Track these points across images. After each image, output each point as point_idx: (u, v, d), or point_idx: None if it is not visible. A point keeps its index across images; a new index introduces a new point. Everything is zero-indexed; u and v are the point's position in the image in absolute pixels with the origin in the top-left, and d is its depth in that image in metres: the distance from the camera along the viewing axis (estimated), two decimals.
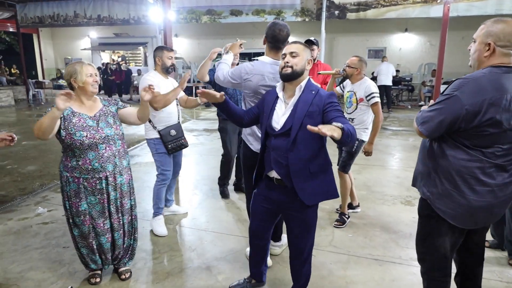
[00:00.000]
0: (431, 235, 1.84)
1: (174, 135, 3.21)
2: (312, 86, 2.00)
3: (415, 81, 13.74)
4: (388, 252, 2.94)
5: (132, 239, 2.62)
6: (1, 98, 13.14)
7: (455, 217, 1.72)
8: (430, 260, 1.89)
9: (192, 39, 16.66)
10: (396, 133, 7.83)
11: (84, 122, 2.27)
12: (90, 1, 13.01)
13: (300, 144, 1.90)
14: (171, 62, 3.19)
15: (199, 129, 8.48)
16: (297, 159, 1.91)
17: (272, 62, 2.41)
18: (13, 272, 2.67)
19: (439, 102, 1.67)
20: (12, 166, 5.50)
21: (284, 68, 1.95)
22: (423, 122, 1.71)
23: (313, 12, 11.25)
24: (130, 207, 2.55)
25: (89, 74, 2.28)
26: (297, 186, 1.92)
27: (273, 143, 1.97)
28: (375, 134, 3.29)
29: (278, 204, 2.08)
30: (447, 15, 7.45)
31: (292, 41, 2.06)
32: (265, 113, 2.05)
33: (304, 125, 1.83)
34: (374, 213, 3.69)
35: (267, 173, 2.07)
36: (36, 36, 17.90)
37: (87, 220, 2.37)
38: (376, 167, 5.30)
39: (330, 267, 2.74)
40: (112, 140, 2.34)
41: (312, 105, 1.90)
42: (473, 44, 1.70)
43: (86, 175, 2.29)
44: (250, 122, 2.21)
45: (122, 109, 2.48)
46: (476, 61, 1.69)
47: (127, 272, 2.61)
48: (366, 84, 3.23)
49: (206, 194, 4.28)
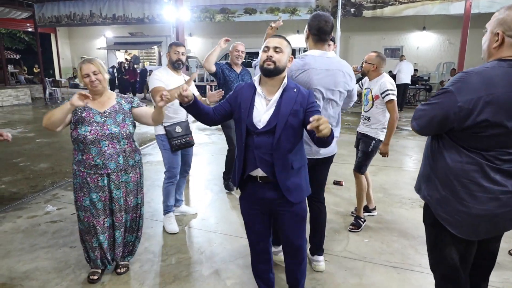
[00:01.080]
0: (437, 245, 1.69)
1: (179, 132, 3.14)
2: (292, 83, 1.94)
3: (433, 80, 13.39)
4: (407, 259, 2.78)
5: (135, 237, 2.61)
6: (19, 96, 13.40)
7: (454, 225, 1.55)
8: (440, 271, 1.73)
9: (206, 38, 16.66)
10: (413, 134, 7.58)
11: (92, 118, 2.28)
12: (106, 1, 13.12)
13: (284, 142, 1.86)
14: (176, 57, 3.12)
15: (211, 128, 8.40)
16: (281, 157, 1.87)
17: (321, 54, 2.34)
18: (19, 272, 2.62)
19: (434, 97, 1.52)
20: (25, 164, 5.52)
21: (267, 62, 1.84)
22: (417, 117, 1.57)
23: (328, 10, 11.04)
24: (136, 205, 2.53)
25: (86, 75, 2.26)
26: (281, 183, 1.89)
27: (256, 141, 1.87)
28: (391, 134, 3.13)
29: (268, 202, 1.98)
30: (469, 11, 7.17)
31: (275, 35, 1.95)
32: (242, 109, 1.90)
33: (289, 123, 1.84)
34: (392, 217, 3.52)
35: (249, 173, 1.95)
36: (53, 35, 18.24)
37: (88, 217, 2.38)
38: (393, 168, 5.11)
39: (344, 274, 2.60)
40: (116, 138, 2.32)
41: (296, 103, 1.87)
42: (485, 34, 1.52)
43: (89, 170, 2.30)
44: (222, 118, 2.05)
45: (136, 108, 2.45)
46: (486, 53, 1.52)
47: (124, 267, 2.60)
48: (382, 80, 3.08)
49: (216, 195, 4.18)
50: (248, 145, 1.91)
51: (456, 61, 8.63)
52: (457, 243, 1.61)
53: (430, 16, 12.00)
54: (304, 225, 2.07)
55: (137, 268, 2.67)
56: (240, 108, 1.93)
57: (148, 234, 3.21)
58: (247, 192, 2.04)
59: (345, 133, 7.42)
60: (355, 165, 3.28)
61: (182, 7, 5.89)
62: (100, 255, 2.48)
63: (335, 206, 3.79)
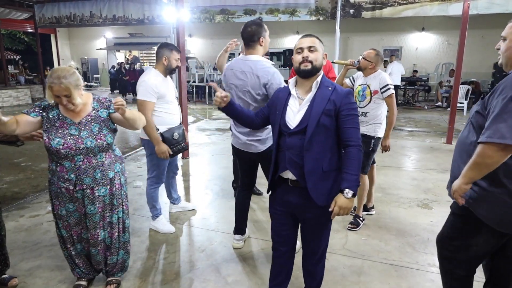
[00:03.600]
0: (465, 234, 1.72)
1: (177, 138, 3.04)
2: (328, 81, 1.89)
3: (432, 81, 13.43)
4: (405, 257, 2.82)
5: (124, 253, 2.43)
6: (19, 96, 13.42)
7: (500, 222, 1.59)
8: (458, 259, 1.77)
9: (206, 39, 16.70)
10: (412, 134, 7.63)
11: (66, 129, 2.09)
12: (106, 2, 13.14)
13: (316, 143, 1.80)
14: (176, 64, 3.04)
15: (211, 129, 8.45)
16: (312, 158, 1.80)
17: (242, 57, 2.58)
18: (22, 270, 2.66)
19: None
20: (26, 164, 5.56)
21: (304, 64, 1.81)
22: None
23: (327, 11, 11.09)
24: (117, 220, 2.32)
25: (56, 96, 2.00)
26: (310, 185, 1.81)
27: (287, 142, 1.84)
28: (390, 128, 3.20)
29: (294, 207, 1.95)
30: (467, 13, 7.21)
31: (306, 34, 1.93)
32: (277, 111, 1.90)
33: (321, 123, 1.77)
34: (390, 216, 3.57)
35: (280, 174, 1.93)
36: (53, 36, 18.28)
37: (66, 226, 2.27)
38: (391, 168, 5.15)
39: (343, 272, 2.64)
40: (91, 152, 2.12)
41: (329, 102, 1.79)
42: (503, 43, 1.60)
43: (62, 183, 2.14)
44: (262, 123, 2.09)
45: (114, 113, 2.18)
46: (509, 59, 1.59)
47: (114, 283, 2.43)
48: (381, 76, 3.14)
49: (217, 194, 4.22)
50: (280, 146, 1.89)
51: (454, 62, 8.67)
52: (491, 235, 1.65)
53: (429, 17, 12.06)
54: (327, 233, 2.03)
55: (139, 266, 2.71)
56: (276, 110, 1.93)
57: (149, 233, 3.25)
58: (275, 194, 2.02)
59: None
60: None
61: (182, 8, 5.90)
62: (82, 262, 2.37)
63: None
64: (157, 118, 3.00)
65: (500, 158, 1.49)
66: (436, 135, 7.53)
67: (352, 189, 1.74)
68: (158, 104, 2.96)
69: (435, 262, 2.69)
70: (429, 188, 4.35)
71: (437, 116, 10.03)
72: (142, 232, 3.27)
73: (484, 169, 1.54)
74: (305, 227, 2.01)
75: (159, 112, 3.00)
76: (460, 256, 1.76)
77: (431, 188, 4.33)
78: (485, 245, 1.69)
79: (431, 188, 4.35)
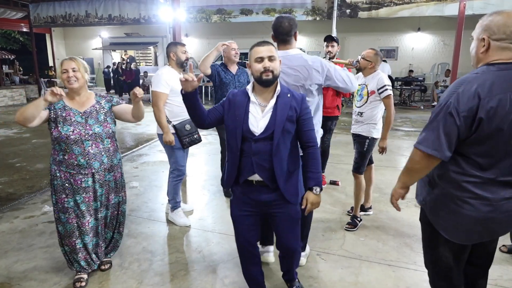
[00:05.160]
0: (432, 244, 1.72)
1: (189, 130, 3.19)
2: (285, 88, 1.96)
3: (428, 81, 13.48)
4: (403, 257, 2.82)
5: (116, 232, 2.63)
6: (14, 96, 13.32)
7: (446, 229, 1.59)
8: (434, 269, 1.76)
9: (202, 39, 16.65)
10: (408, 134, 7.65)
11: (73, 117, 2.27)
12: (101, 1, 13.07)
13: (282, 147, 1.90)
14: (185, 56, 3.21)
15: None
16: (279, 162, 1.90)
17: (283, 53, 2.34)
18: (17, 271, 2.62)
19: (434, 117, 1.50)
20: (21, 164, 5.51)
21: (265, 73, 1.83)
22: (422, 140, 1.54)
23: (324, 11, 11.12)
24: (118, 202, 2.55)
25: (64, 70, 2.24)
26: (282, 187, 1.92)
27: (253, 147, 1.88)
28: (388, 129, 3.20)
29: (262, 204, 2.00)
30: (463, 13, 7.25)
31: (261, 42, 1.91)
32: (237, 116, 1.91)
33: (286, 129, 1.87)
34: (387, 216, 3.57)
35: (246, 178, 1.96)
36: (48, 36, 18.15)
37: (72, 218, 2.34)
38: (388, 168, 5.15)
39: (340, 272, 2.63)
40: (99, 138, 2.32)
41: (291, 109, 1.90)
42: (472, 42, 1.59)
43: (72, 170, 2.28)
44: (214, 122, 2.03)
45: (116, 106, 2.44)
46: (474, 59, 1.58)
47: (107, 263, 2.64)
48: (379, 76, 3.14)
49: (214, 195, 4.20)
50: (244, 151, 1.91)
51: (450, 62, 8.71)
52: (452, 244, 1.63)
53: (425, 18, 12.10)
54: (298, 226, 2.11)
55: (135, 267, 2.69)
56: (235, 115, 1.92)
57: (146, 234, 3.22)
58: (239, 194, 2.04)
59: (341, 133, 7.47)
60: (353, 166, 3.31)
61: (178, 7, 5.89)
62: (84, 256, 2.43)
63: (331, 206, 3.82)
64: (169, 111, 3.17)
65: (425, 165, 1.51)
66: None
67: (319, 185, 1.96)
68: (171, 97, 3.13)
69: None
70: None
71: None
72: (139, 233, 3.24)
73: (414, 174, 1.57)
74: (276, 224, 2.08)
75: (172, 105, 3.16)
76: (436, 267, 1.73)
77: None
78: (451, 253, 1.64)
79: None
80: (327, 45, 3.93)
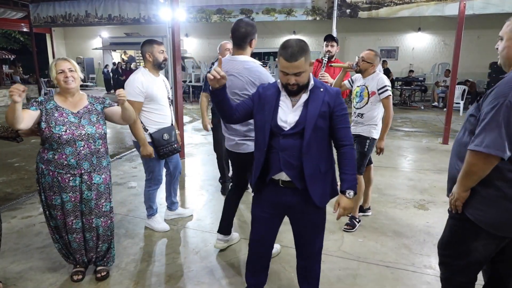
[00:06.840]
0: (464, 239, 1.69)
1: (167, 139, 3.00)
2: (318, 82, 1.85)
3: (428, 81, 13.45)
4: (401, 258, 2.80)
5: (111, 244, 2.54)
6: None
7: (497, 225, 1.57)
8: (457, 265, 1.74)
9: (202, 39, 16.65)
10: (408, 134, 7.63)
11: (66, 118, 2.26)
12: (101, 1, 13.06)
13: (314, 145, 1.78)
14: (163, 57, 2.94)
15: None
16: (311, 161, 1.78)
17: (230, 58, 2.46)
18: (13, 272, 2.61)
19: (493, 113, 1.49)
20: (19, 164, 5.50)
21: (291, 86, 1.76)
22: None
23: (324, 11, 11.08)
24: (109, 210, 2.47)
25: (60, 70, 2.22)
26: (310, 188, 1.80)
27: (282, 143, 1.79)
28: (386, 130, 3.17)
29: (286, 207, 1.92)
30: (463, 13, 7.22)
31: (291, 54, 1.68)
32: (266, 110, 1.82)
33: (318, 125, 1.75)
34: (386, 217, 3.55)
35: (272, 176, 1.87)
36: (49, 36, 18.11)
37: (60, 215, 2.35)
38: (388, 169, 5.14)
39: (338, 274, 2.61)
40: (92, 138, 2.30)
41: (323, 104, 1.78)
42: (500, 42, 1.58)
43: (61, 170, 2.25)
44: (242, 117, 1.94)
45: (108, 108, 2.43)
46: (506, 59, 1.58)
47: (103, 271, 2.54)
48: (379, 77, 3.13)
49: (212, 195, 4.19)
50: (271, 147, 1.82)
51: (451, 62, 8.68)
52: (492, 239, 1.62)
53: (425, 17, 12.08)
54: (323, 233, 2.02)
55: (132, 268, 2.67)
56: (264, 108, 1.83)
57: (142, 235, 3.21)
58: (263, 195, 1.95)
59: None
60: None
61: (178, 7, 5.86)
62: (78, 250, 2.45)
63: (330, 206, 3.79)
64: (146, 118, 2.96)
65: (485, 167, 1.51)
66: (432, 135, 7.53)
67: (353, 188, 1.81)
68: (147, 104, 2.92)
69: (432, 264, 2.68)
70: (426, 188, 4.34)
71: (434, 116, 10.04)
72: (136, 234, 3.23)
73: (474, 177, 1.56)
74: (299, 229, 1.98)
75: (148, 112, 2.95)
76: (460, 262, 1.73)
77: (428, 189, 4.32)
78: (484, 250, 1.66)
79: (428, 188, 4.34)
80: (327, 44, 3.92)
